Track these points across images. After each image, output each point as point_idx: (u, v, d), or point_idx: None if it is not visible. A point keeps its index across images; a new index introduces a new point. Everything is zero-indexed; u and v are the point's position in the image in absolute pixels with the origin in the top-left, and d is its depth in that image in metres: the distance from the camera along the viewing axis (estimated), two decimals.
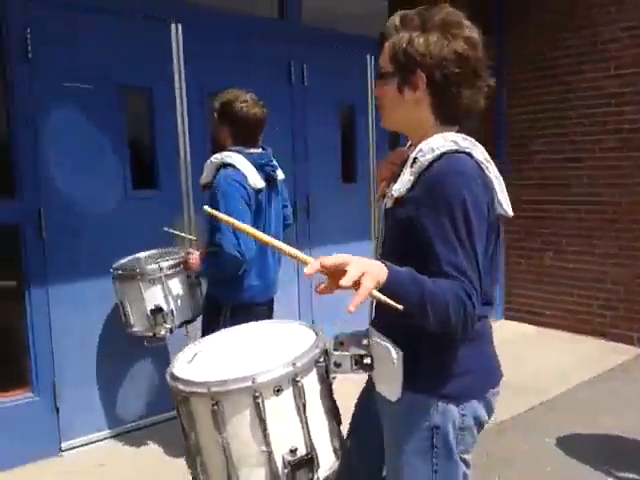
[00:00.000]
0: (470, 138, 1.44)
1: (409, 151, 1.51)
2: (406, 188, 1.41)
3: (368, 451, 1.67)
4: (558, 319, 5.65)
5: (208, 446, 1.43)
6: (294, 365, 1.39)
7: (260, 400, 1.36)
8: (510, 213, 1.47)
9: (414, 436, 1.47)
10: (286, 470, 1.37)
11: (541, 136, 5.65)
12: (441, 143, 1.40)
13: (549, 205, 5.63)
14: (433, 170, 1.38)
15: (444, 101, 1.44)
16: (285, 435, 1.40)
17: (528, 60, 5.65)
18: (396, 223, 1.46)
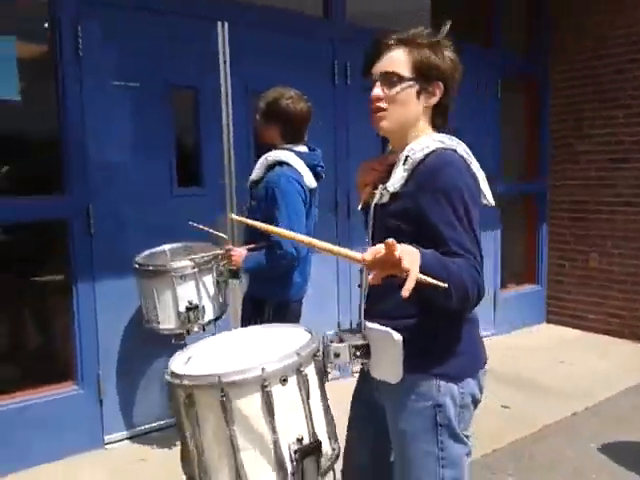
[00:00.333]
0: (453, 137, 1.62)
1: (389, 157, 1.69)
2: (400, 184, 1.57)
3: (368, 443, 1.76)
4: (602, 323, 5.53)
5: (212, 443, 1.44)
6: (299, 355, 1.45)
7: (269, 389, 1.39)
8: (492, 202, 1.64)
9: (418, 416, 1.57)
10: (293, 459, 1.41)
11: (587, 136, 5.54)
12: (430, 142, 1.58)
13: (594, 206, 5.51)
14: (425, 165, 1.54)
15: (441, 107, 1.66)
16: (291, 424, 1.44)
17: (573, 60, 5.55)
18: (392, 216, 1.58)
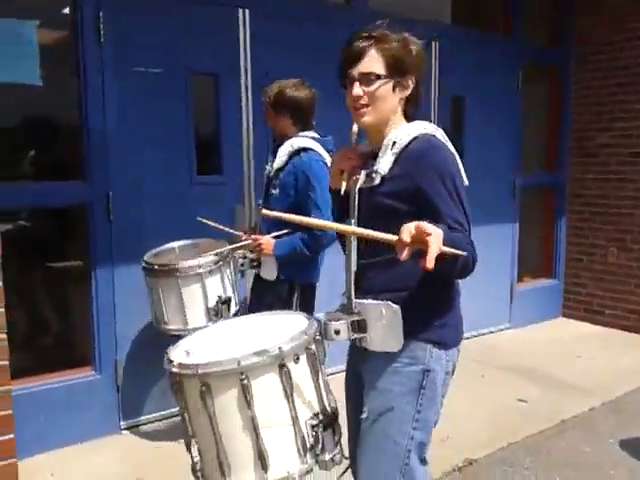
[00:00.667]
0: (432, 125, 1.77)
1: (361, 147, 1.85)
2: (389, 167, 1.72)
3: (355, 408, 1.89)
4: (619, 319, 5.48)
5: (233, 428, 1.45)
6: (307, 334, 1.53)
7: (286, 369, 1.46)
8: (466, 182, 1.76)
9: (407, 378, 1.72)
10: (312, 433, 1.48)
11: (607, 129, 5.47)
12: (413, 128, 1.74)
13: (614, 200, 5.45)
14: (411, 149, 1.70)
15: (415, 98, 1.80)
16: (306, 400, 1.51)
17: (596, 50, 5.48)
18: (386, 197, 1.72)
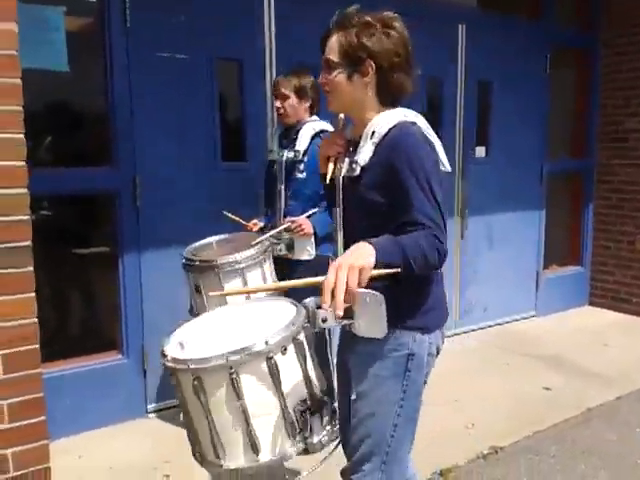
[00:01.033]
0: (412, 111, 1.77)
1: (347, 132, 1.84)
2: (369, 156, 1.71)
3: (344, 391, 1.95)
4: None
5: (225, 418, 1.54)
6: (294, 325, 1.57)
7: (273, 360, 1.52)
8: (448, 169, 1.78)
9: (393, 363, 1.76)
10: (300, 418, 1.56)
11: (635, 114, 5.36)
12: (392, 116, 1.72)
13: None
14: (388, 138, 1.68)
15: (386, 84, 1.75)
16: (294, 388, 1.58)
17: (626, 33, 5.35)
18: (365, 188, 1.72)
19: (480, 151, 5.03)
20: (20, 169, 2.08)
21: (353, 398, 1.83)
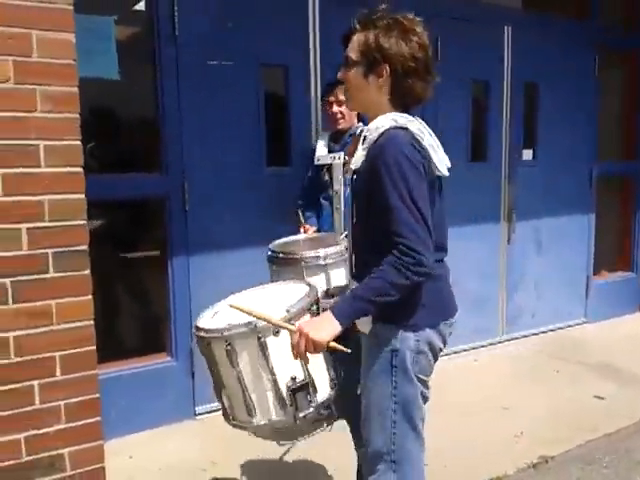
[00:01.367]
0: (407, 116, 1.77)
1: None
2: (361, 161, 1.79)
3: (352, 378, 2.02)
4: None
5: (229, 380, 1.86)
6: (288, 311, 1.80)
7: (263, 340, 1.78)
8: (445, 173, 1.80)
9: (379, 358, 1.83)
10: (288, 394, 1.80)
11: None
12: (383, 122, 1.75)
13: None
14: (377, 144, 1.73)
15: (400, 89, 1.78)
16: (286, 367, 1.80)
17: None
18: (358, 191, 1.85)
19: (527, 154, 4.95)
20: (77, 175, 2.13)
21: (359, 392, 1.94)
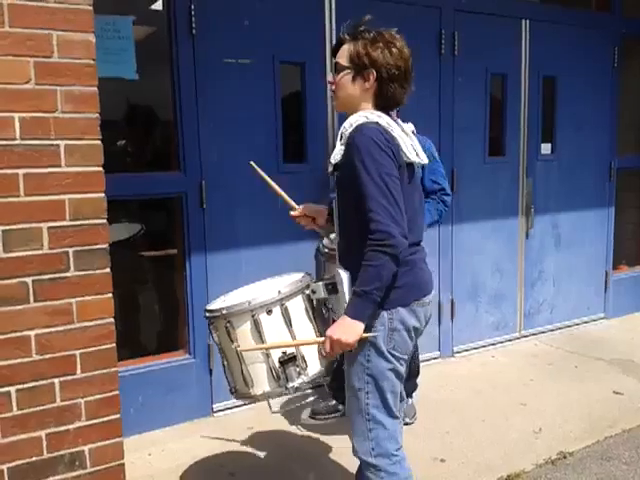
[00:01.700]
0: (379, 112, 1.99)
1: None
2: (340, 155, 1.99)
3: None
4: None
5: (230, 354, 2.11)
6: (279, 292, 2.05)
7: (256, 317, 2.02)
8: (415, 160, 2.01)
9: None
10: (279, 365, 2.03)
11: None
12: (356, 119, 1.96)
13: None
14: (351, 138, 1.93)
15: (383, 92, 2.01)
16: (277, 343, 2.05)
17: None
18: (337, 184, 2.05)
19: (546, 148, 4.90)
20: (98, 174, 2.15)
21: (345, 368, 2.12)
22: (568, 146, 4.97)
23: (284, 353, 2.02)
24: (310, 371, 2.07)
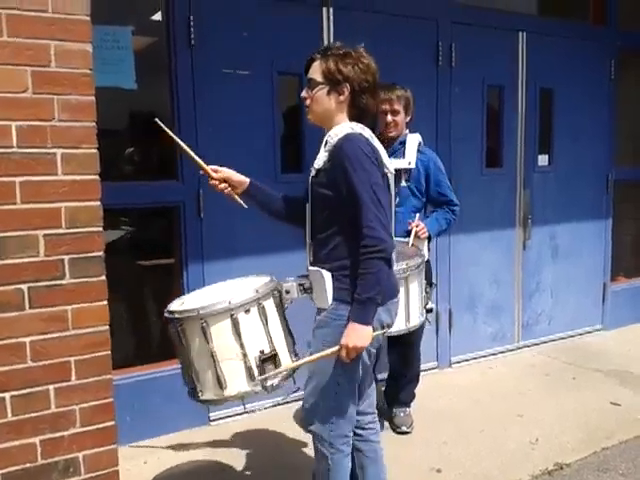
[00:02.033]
0: (361, 125, 2.17)
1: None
2: (323, 161, 2.13)
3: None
4: None
5: (199, 357, 2.09)
6: (257, 291, 2.11)
7: (235, 317, 2.05)
8: (391, 170, 2.22)
9: (334, 330, 2.14)
10: (257, 364, 2.07)
11: None
12: (342, 129, 2.13)
13: None
14: (339, 145, 2.08)
15: (357, 104, 2.19)
16: (255, 342, 2.09)
17: None
18: (319, 186, 2.15)
19: (543, 159, 4.93)
20: (94, 182, 2.17)
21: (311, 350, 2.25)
22: (565, 157, 4.99)
23: (262, 352, 2.08)
24: (283, 368, 2.15)
